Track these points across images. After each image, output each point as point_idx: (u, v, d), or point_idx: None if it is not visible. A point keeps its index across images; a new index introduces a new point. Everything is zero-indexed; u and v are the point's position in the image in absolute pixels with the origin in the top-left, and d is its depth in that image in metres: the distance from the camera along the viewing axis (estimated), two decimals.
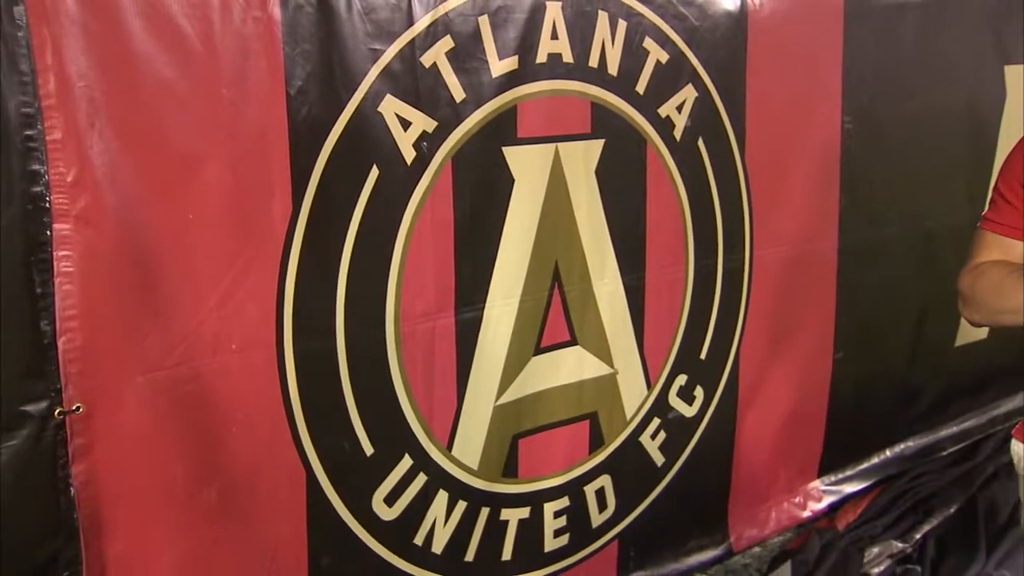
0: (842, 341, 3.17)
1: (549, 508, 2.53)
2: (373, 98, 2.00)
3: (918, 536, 3.07)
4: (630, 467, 2.68)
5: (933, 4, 3.27)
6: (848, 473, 3.35)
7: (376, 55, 2.00)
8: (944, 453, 3.58)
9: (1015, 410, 2.10)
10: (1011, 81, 3.54)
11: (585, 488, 2.59)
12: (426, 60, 2.07)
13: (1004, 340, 1.92)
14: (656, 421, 2.71)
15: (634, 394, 2.63)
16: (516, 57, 2.21)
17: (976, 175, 3.28)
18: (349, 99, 1.97)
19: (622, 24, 2.40)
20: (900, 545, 3.03)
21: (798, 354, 3.07)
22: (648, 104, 2.50)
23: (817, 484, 3.27)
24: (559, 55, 2.29)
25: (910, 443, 3.56)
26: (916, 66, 3.23)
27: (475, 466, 2.35)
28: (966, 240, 1.93)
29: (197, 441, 1.92)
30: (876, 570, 2.94)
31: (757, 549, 3.15)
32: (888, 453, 3.49)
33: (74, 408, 1.72)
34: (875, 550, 3.00)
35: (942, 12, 3.30)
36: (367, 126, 2.00)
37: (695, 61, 2.59)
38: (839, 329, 3.16)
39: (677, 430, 2.77)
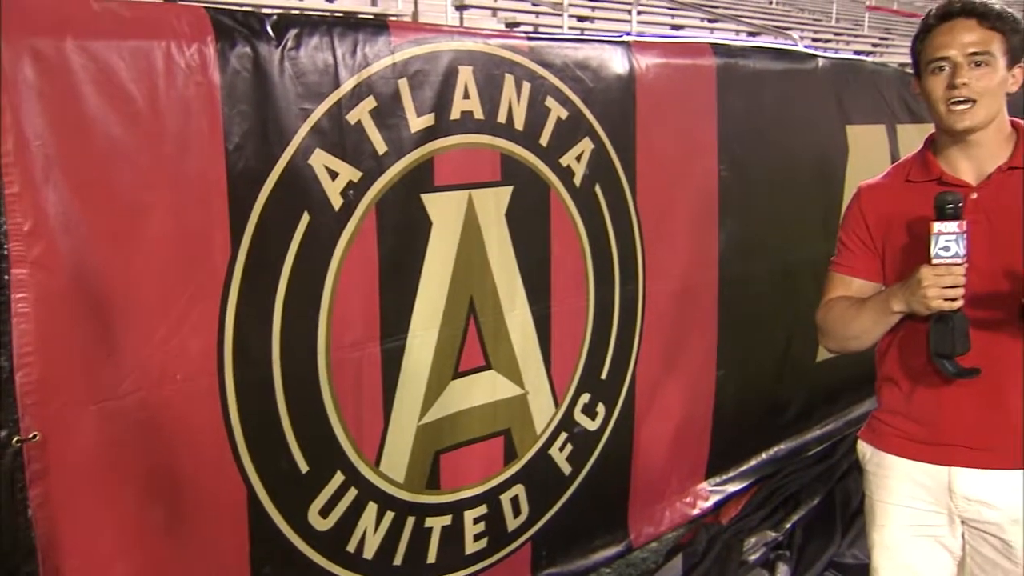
0: (723, 360, 3.25)
1: (469, 515, 2.53)
2: (304, 152, 2.00)
3: (788, 526, 3.15)
4: (541, 477, 2.69)
5: (788, 72, 3.42)
6: (731, 474, 3.41)
7: (306, 114, 2.00)
8: (809, 454, 3.68)
9: (864, 415, 2.20)
10: (852, 139, 3.72)
11: (501, 497, 2.60)
12: (351, 117, 2.08)
13: (854, 356, 2.02)
14: (563, 435, 2.72)
15: (543, 412, 2.65)
16: (433, 114, 2.23)
17: (827, 217, 3.40)
18: (282, 153, 1.97)
19: (526, 85, 2.45)
20: (773, 534, 3.10)
21: (686, 372, 3.13)
22: (551, 155, 2.54)
23: (705, 485, 3.32)
24: (471, 112, 2.32)
25: (782, 446, 3.64)
26: (777, 124, 3.36)
27: (401, 480, 2.33)
28: (822, 272, 2.03)
29: (145, 464, 1.87)
30: (753, 557, 3.01)
31: (654, 544, 3.18)
32: (764, 456, 3.57)
33: (31, 436, 1.68)
34: (753, 540, 3.07)
35: (796, 79, 3.46)
36: (298, 177, 2.00)
37: (591, 117, 2.65)
38: (720, 349, 3.23)
39: (582, 442, 2.79)
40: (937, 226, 1.68)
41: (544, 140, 2.51)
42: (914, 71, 1.87)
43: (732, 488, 3.37)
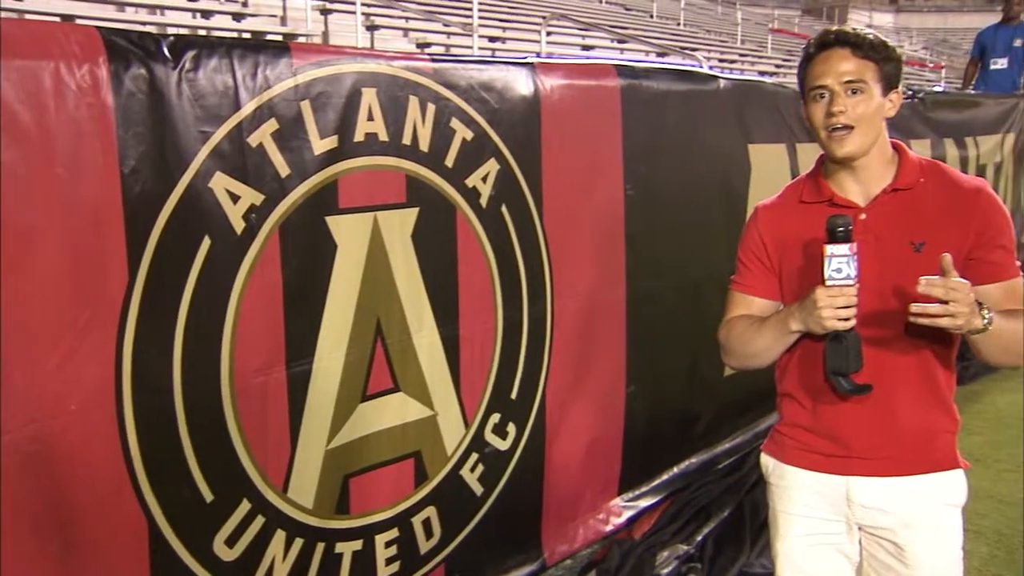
0: (633, 376, 3.31)
1: (380, 539, 2.51)
2: (204, 175, 1.98)
3: (699, 538, 3.21)
4: (452, 498, 2.69)
5: (691, 93, 3.52)
6: (643, 490, 3.46)
7: (206, 136, 1.98)
8: (719, 467, 3.76)
9: (771, 427, 2.27)
10: (754, 158, 3.85)
11: (412, 519, 2.59)
12: (253, 140, 2.07)
13: (761, 371, 2.08)
14: (474, 456, 2.73)
15: (453, 433, 2.65)
16: (336, 136, 2.23)
17: (731, 233, 3.46)
18: (181, 176, 1.94)
19: (431, 107, 2.47)
20: (685, 547, 3.16)
21: (596, 389, 3.18)
22: (456, 176, 2.57)
23: (617, 501, 3.37)
24: (375, 134, 2.33)
25: (693, 460, 3.72)
26: (681, 143, 3.46)
27: (310, 505, 2.31)
28: (728, 288, 2.09)
29: (41, 498, 1.81)
30: (666, 571, 3.05)
31: (568, 562, 3.20)
32: (675, 470, 3.63)
33: None
34: (665, 554, 3.12)
35: (698, 100, 3.56)
36: (198, 201, 1.97)
37: (496, 138, 2.68)
38: (630, 366, 3.29)
39: (493, 462, 2.80)
40: (829, 248, 1.75)
41: (449, 161, 2.53)
42: (801, 97, 1.94)
43: (644, 503, 3.42)
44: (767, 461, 2.08)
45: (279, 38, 7.91)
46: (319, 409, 2.27)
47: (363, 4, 8.66)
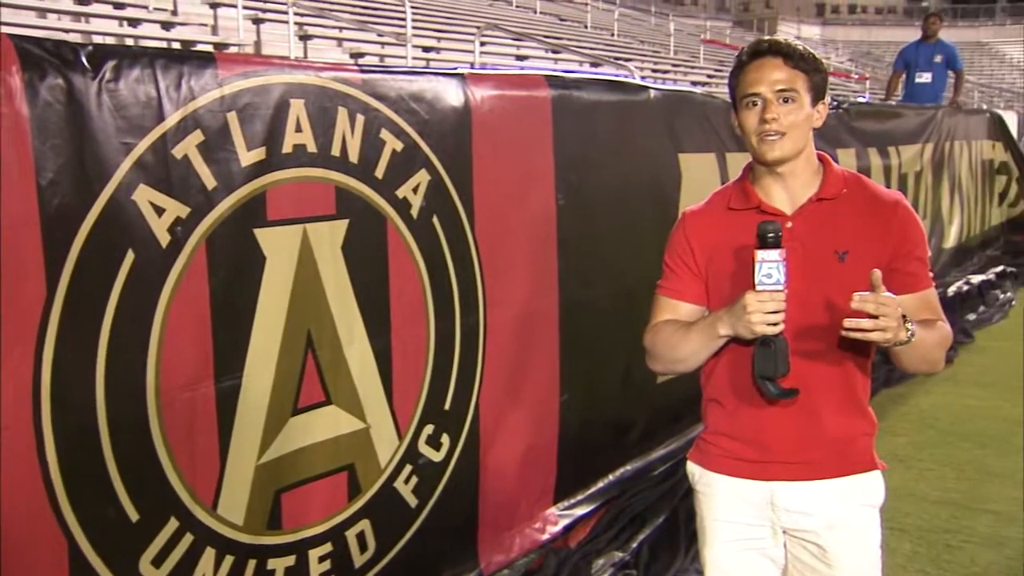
0: (567, 385, 3.32)
1: (313, 554, 2.48)
2: (126, 188, 1.94)
3: (635, 545, 3.25)
4: (387, 511, 2.67)
5: (622, 103, 3.57)
6: (579, 498, 3.47)
7: (128, 148, 1.94)
8: (654, 473, 3.79)
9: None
10: (684, 167, 3.92)
11: (346, 533, 2.56)
12: (178, 152, 2.03)
13: (693, 376, 2.11)
14: (408, 467, 2.72)
15: (387, 445, 2.64)
16: (264, 148, 2.21)
17: (663, 242, 3.52)
18: (102, 189, 1.90)
19: (360, 118, 2.46)
20: (620, 554, 3.19)
21: (530, 398, 3.19)
22: (387, 187, 2.56)
23: (553, 510, 3.37)
24: (304, 145, 2.31)
25: (628, 467, 3.74)
26: (612, 153, 3.50)
27: (240, 522, 2.27)
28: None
29: None
30: None
31: (505, 572, 3.19)
32: (611, 477, 3.65)
33: None
34: (601, 561, 3.14)
35: (629, 109, 3.61)
36: (121, 214, 1.93)
37: (427, 149, 2.68)
38: (563, 375, 3.30)
39: (427, 474, 2.79)
40: (760, 254, 1.78)
41: (380, 172, 2.52)
42: (732, 105, 1.99)
43: (580, 511, 3.43)
44: (693, 469, 2.11)
45: (210, 48, 7.78)
46: (249, 424, 2.24)
47: (296, 14, 8.60)
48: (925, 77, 9.61)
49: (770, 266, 1.77)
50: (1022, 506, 3.95)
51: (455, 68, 2.97)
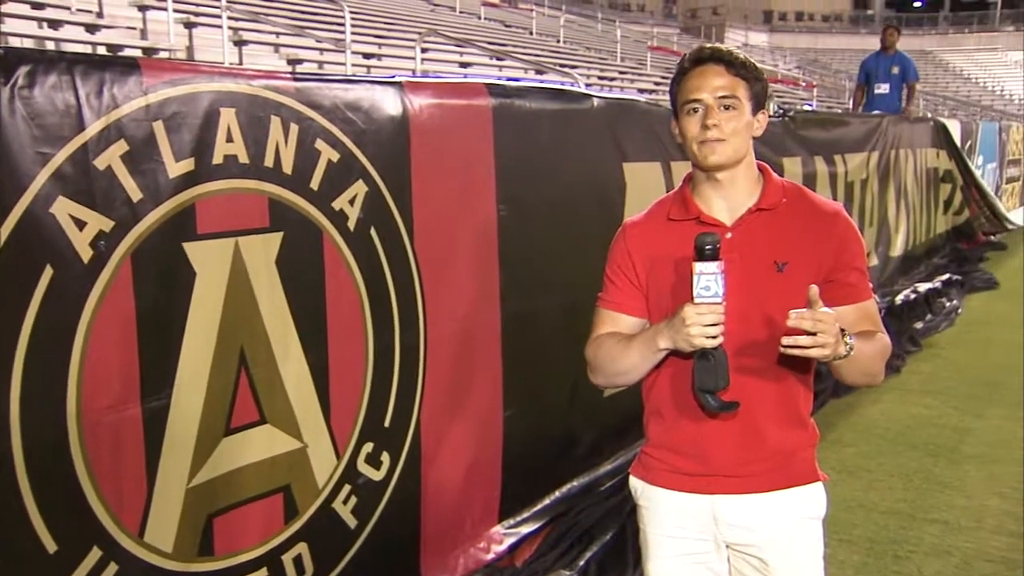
0: (510, 400, 3.33)
1: None
2: (44, 200, 1.90)
3: (582, 563, 3.26)
4: (325, 533, 2.64)
5: (564, 112, 3.60)
6: (524, 516, 3.48)
7: (45, 158, 1.90)
8: (602, 489, 3.80)
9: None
10: (629, 176, 3.96)
11: (283, 557, 2.53)
12: (100, 163, 2.00)
13: (640, 389, 2.13)
14: (347, 487, 2.70)
15: (324, 464, 2.62)
16: (193, 159, 2.18)
17: (607, 253, 3.60)
18: (17, 202, 1.85)
19: (294, 127, 2.45)
20: (567, 572, 3.19)
21: (473, 414, 3.19)
22: (322, 199, 2.55)
23: (498, 528, 3.37)
24: (235, 156, 2.29)
25: (574, 483, 3.76)
26: (554, 162, 3.53)
27: (169, 549, 2.23)
28: None
29: None
30: None
31: None
32: (557, 494, 3.67)
33: None
34: None
35: (572, 118, 3.65)
36: (38, 227, 1.89)
37: (364, 159, 2.68)
38: (507, 389, 3.32)
39: (367, 494, 2.78)
40: (698, 266, 1.79)
41: (315, 184, 2.51)
42: (672, 113, 2.01)
43: (526, 529, 3.44)
44: (635, 483, 2.13)
45: (138, 53, 7.65)
46: (179, 446, 2.20)
47: (230, 18, 8.49)
48: (883, 88, 10.09)
49: (708, 278, 1.79)
50: (970, 515, 4.05)
51: (394, 76, 2.97)
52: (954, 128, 11.56)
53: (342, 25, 8.24)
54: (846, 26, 53.76)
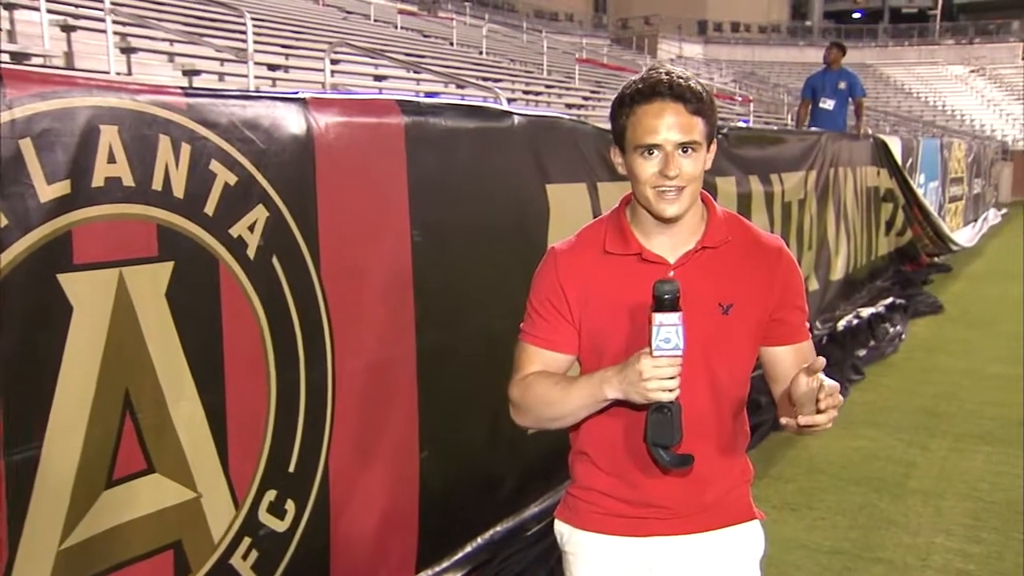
0: (427, 439, 3.32)
1: None
2: None
3: None
4: None
5: (483, 131, 3.63)
6: (444, 565, 3.46)
7: None
8: (528, 533, 3.82)
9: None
10: (553, 198, 4.01)
11: None
12: None
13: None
14: (247, 540, 2.66)
15: (221, 516, 2.57)
16: (68, 181, 2.13)
17: (531, 280, 3.62)
18: None
19: (186, 147, 2.42)
20: None
21: (386, 456, 3.17)
22: (218, 225, 2.52)
23: None
24: (118, 178, 2.25)
25: (498, 528, 3.76)
26: (473, 184, 3.56)
27: None
28: None
29: None
30: None
31: None
32: (479, 540, 3.66)
33: None
34: None
35: (491, 137, 3.68)
36: None
37: (264, 182, 2.65)
38: (423, 428, 3.31)
39: (270, 546, 2.73)
40: (658, 317, 1.79)
41: (209, 209, 2.48)
42: (616, 142, 1.97)
43: None
44: (561, 528, 2.14)
45: (6, 59, 7.41)
46: (50, 501, 2.14)
47: (115, 22, 8.29)
48: (828, 104, 10.63)
49: (668, 330, 1.78)
50: (915, 554, 4.17)
51: (297, 92, 2.95)
52: (895, 145, 11.96)
53: (244, 33, 8.13)
54: (784, 37, 55.33)
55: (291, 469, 2.79)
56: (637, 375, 1.81)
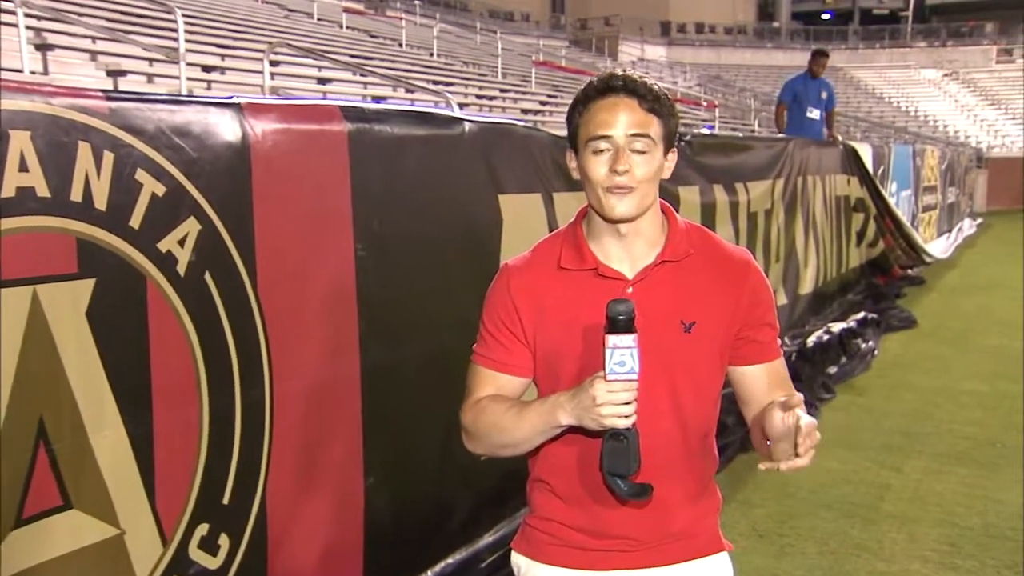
0: (373, 465, 3.30)
1: None
2: None
3: None
4: None
5: (432, 138, 3.64)
6: None
7: None
8: (483, 565, 3.81)
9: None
10: (506, 209, 4.02)
11: None
12: None
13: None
14: None
15: (146, 554, 2.52)
16: None
17: (483, 295, 3.62)
18: None
19: (109, 156, 2.39)
20: None
21: (329, 485, 3.15)
22: (145, 239, 2.48)
23: None
24: (32, 188, 2.21)
25: (450, 560, 3.74)
26: (421, 195, 3.55)
27: None
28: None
29: None
30: None
31: None
32: (429, 573, 3.64)
33: None
34: None
35: (440, 145, 3.69)
36: None
37: (196, 193, 2.63)
38: (368, 454, 3.29)
39: None
40: (612, 340, 1.78)
41: (135, 222, 2.45)
42: (570, 144, 2.00)
43: None
44: (518, 560, 2.14)
45: None
46: None
47: (28, 15, 8.09)
48: (815, 114, 10.96)
49: (623, 353, 1.78)
50: None
51: (231, 96, 2.92)
52: (865, 152, 12.15)
53: (175, 31, 8.01)
54: (751, 39, 56.06)
55: (225, 501, 2.75)
56: (591, 400, 1.80)
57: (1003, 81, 50.09)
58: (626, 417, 1.81)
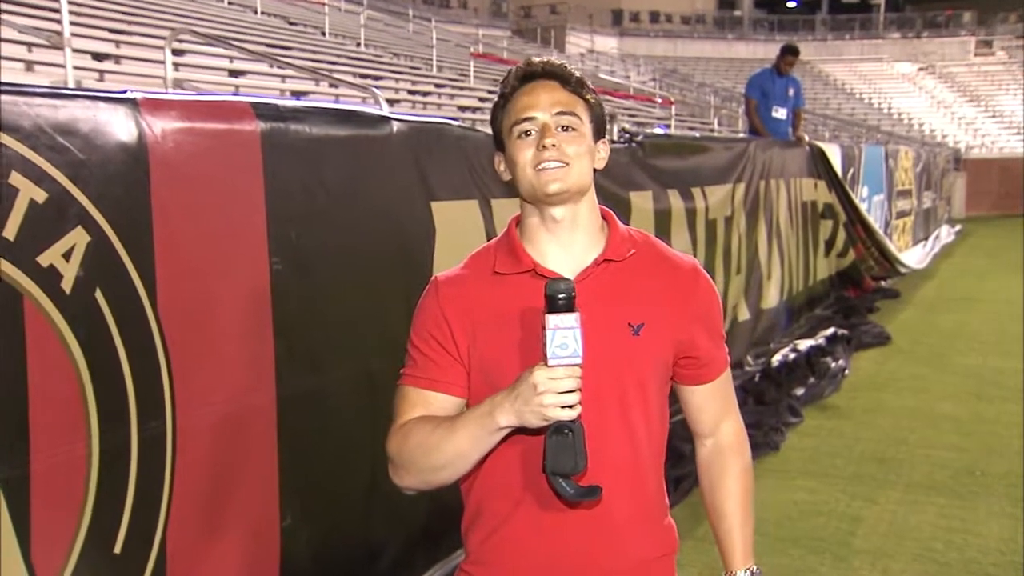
0: (289, 505, 3.28)
1: None
2: None
3: None
4: None
5: (356, 139, 3.64)
6: None
7: None
8: None
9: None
10: (439, 217, 4.03)
11: None
12: None
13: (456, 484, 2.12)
14: None
15: None
16: None
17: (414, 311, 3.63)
18: None
19: None
20: None
21: (239, 527, 3.11)
22: (23, 252, 2.43)
23: None
24: None
25: None
26: (344, 203, 3.55)
27: None
28: None
29: None
30: None
31: None
32: None
33: None
34: None
35: (366, 147, 3.69)
36: None
37: (84, 200, 2.59)
38: (285, 491, 3.26)
39: None
40: (552, 320, 1.79)
41: (10, 232, 2.39)
42: (496, 145, 2.05)
43: None
44: None
45: None
46: None
47: None
48: (781, 112, 11.17)
49: (564, 334, 1.79)
50: None
51: (126, 91, 2.88)
52: (834, 153, 12.33)
53: (58, 11, 7.79)
54: (710, 29, 56.73)
55: (117, 550, 2.70)
56: (531, 390, 1.81)
57: (982, 76, 51.20)
58: (570, 407, 1.81)
